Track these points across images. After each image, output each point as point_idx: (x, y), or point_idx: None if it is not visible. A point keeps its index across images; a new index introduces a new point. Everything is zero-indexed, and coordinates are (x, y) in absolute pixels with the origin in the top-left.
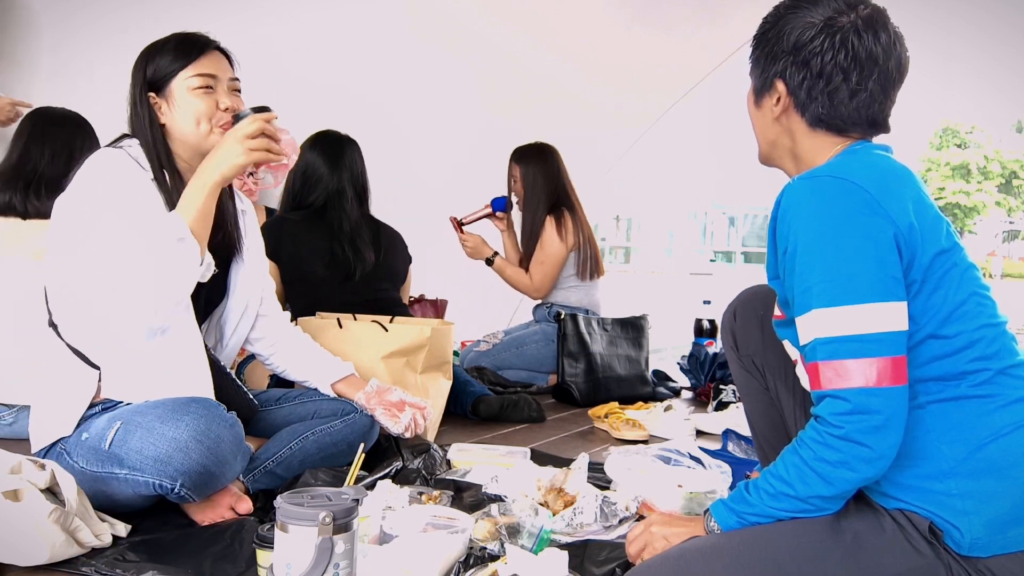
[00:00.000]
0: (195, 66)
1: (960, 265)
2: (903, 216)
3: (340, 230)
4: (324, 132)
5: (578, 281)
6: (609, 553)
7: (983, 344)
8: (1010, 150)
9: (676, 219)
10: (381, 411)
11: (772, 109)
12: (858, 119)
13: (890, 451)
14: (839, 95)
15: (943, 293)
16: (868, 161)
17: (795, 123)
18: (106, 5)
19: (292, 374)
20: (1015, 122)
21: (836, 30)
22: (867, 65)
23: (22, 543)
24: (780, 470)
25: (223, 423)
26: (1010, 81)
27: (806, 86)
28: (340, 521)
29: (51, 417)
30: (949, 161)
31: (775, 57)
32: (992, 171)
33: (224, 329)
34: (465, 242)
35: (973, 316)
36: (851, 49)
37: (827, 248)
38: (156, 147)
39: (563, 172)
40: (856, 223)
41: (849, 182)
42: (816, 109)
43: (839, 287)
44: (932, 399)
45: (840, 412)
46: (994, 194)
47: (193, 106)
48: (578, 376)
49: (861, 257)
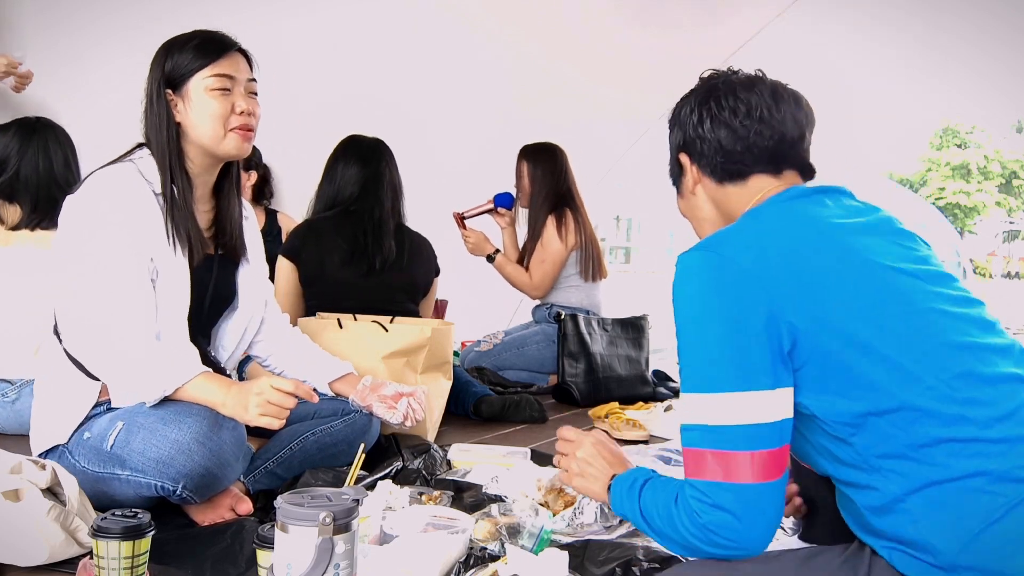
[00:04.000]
0: (214, 66)
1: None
2: (785, 288)
3: (369, 218)
4: (356, 137)
5: (580, 281)
6: (609, 553)
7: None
8: (1010, 150)
9: (676, 219)
10: (378, 404)
11: (690, 187)
12: (752, 157)
13: (753, 544)
14: (725, 140)
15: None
16: (770, 218)
17: (708, 188)
18: (107, 5)
19: (290, 375)
20: (1015, 122)
21: (709, 91)
22: (740, 109)
23: (22, 543)
24: (657, 506)
25: (225, 425)
26: (1010, 81)
27: (699, 147)
28: (340, 521)
29: (50, 424)
30: (949, 161)
31: (674, 138)
32: (992, 171)
33: (232, 334)
34: (467, 238)
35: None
36: (725, 99)
37: (692, 332)
38: (168, 146)
39: (569, 172)
40: (720, 305)
41: (720, 256)
42: (714, 159)
43: (698, 373)
44: (913, 485)
45: (699, 501)
46: (994, 194)
47: (209, 107)
48: (578, 376)
49: (721, 343)
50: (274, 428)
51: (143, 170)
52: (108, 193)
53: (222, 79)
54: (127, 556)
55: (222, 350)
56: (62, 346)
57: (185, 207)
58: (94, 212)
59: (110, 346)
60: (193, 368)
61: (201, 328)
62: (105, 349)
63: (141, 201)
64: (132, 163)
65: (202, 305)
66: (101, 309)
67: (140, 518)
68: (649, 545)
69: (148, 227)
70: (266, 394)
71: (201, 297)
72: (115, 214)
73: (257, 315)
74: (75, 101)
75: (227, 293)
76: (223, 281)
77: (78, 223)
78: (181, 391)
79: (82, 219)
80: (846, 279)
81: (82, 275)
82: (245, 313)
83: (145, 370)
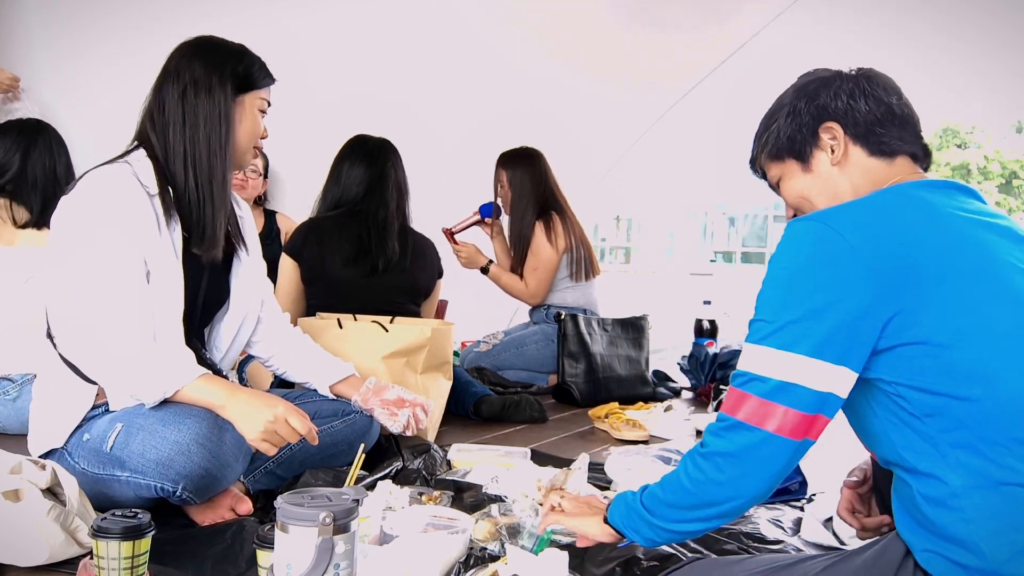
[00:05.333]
0: (266, 92)
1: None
2: (890, 273)
3: (374, 219)
4: (362, 136)
5: (572, 282)
6: (609, 553)
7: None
8: (1010, 150)
9: (676, 219)
10: (379, 410)
11: (830, 158)
12: (908, 135)
13: (743, 491)
14: (883, 115)
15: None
16: (893, 201)
17: (858, 159)
18: (107, 5)
19: (292, 376)
20: (1015, 122)
21: (848, 76)
22: (890, 88)
23: (22, 543)
24: (661, 485)
25: (225, 426)
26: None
27: (853, 116)
28: (340, 521)
29: (47, 427)
30: (949, 161)
31: (810, 110)
32: (992, 171)
33: (226, 334)
34: (459, 252)
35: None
36: (874, 80)
37: (778, 290)
38: (213, 137)
39: (550, 175)
40: (815, 274)
41: (829, 228)
42: (872, 130)
43: (771, 329)
44: (976, 482)
45: (715, 429)
46: (994, 194)
47: (254, 124)
48: (578, 376)
49: (806, 308)
50: (265, 454)
51: (138, 171)
52: (102, 193)
53: (265, 103)
54: (127, 556)
55: (216, 351)
56: (56, 350)
57: (223, 200)
58: (88, 212)
59: (106, 348)
60: (192, 370)
61: (194, 330)
62: (101, 351)
63: (135, 202)
64: (127, 164)
65: (195, 306)
66: (97, 310)
67: (140, 518)
68: None
69: (142, 228)
70: (279, 424)
71: (194, 298)
72: (109, 214)
73: (252, 315)
74: (75, 101)
75: (220, 293)
76: (215, 281)
77: (72, 223)
78: (180, 393)
79: (77, 219)
80: (960, 267)
81: (76, 276)
82: (238, 313)
83: (143, 372)
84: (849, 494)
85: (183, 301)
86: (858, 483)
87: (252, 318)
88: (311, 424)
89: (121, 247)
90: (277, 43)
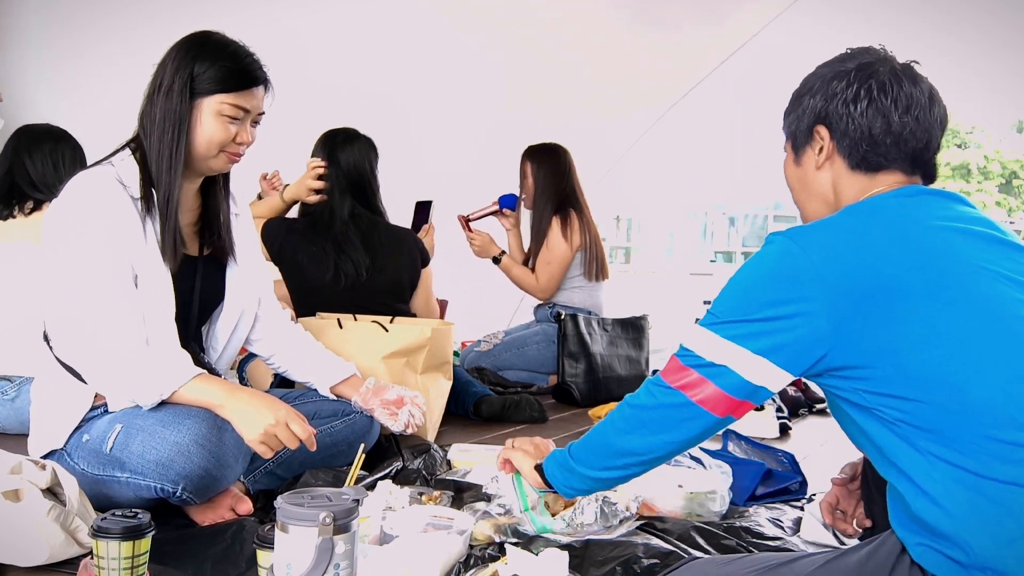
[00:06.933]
0: (236, 96)
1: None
2: (853, 294)
3: (328, 230)
4: (329, 131)
5: (584, 282)
6: (609, 553)
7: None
8: (1010, 150)
9: (676, 219)
10: (380, 410)
11: (815, 159)
12: (897, 154)
13: (662, 445)
14: (877, 130)
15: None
16: (866, 215)
17: (837, 169)
18: (107, 5)
19: (293, 374)
20: (1015, 122)
21: (870, 73)
22: (901, 102)
23: (22, 543)
24: (589, 435)
25: (225, 427)
26: (1010, 81)
27: (845, 125)
28: (340, 521)
29: (46, 428)
30: (949, 161)
31: (814, 105)
32: (992, 171)
33: (222, 332)
34: (473, 240)
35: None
36: (889, 87)
37: (738, 291)
38: (174, 138)
39: (573, 172)
40: (775, 286)
41: (799, 247)
42: (859, 145)
43: (725, 321)
44: (948, 481)
45: (647, 386)
46: (994, 194)
47: (213, 129)
48: (578, 376)
49: (761, 311)
50: (262, 456)
51: (121, 174)
52: (86, 198)
53: (235, 109)
54: (127, 556)
55: (212, 351)
56: (53, 353)
57: (167, 208)
58: (74, 218)
59: (100, 352)
60: (187, 371)
61: (191, 330)
62: (96, 355)
63: (118, 206)
64: (112, 166)
65: (189, 307)
66: (89, 315)
67: (140, 518)
68: (649, 542)
69: (126, 232)
70: (279, 428)
71: (188, 299)
72: (94, 219)
73: (249, 312)
74: (75, 101)
75: (215, 293)
76: (210, 281)
77: (59, 229)
78: (177, 395)
79: (62, 225)
80: (925, 278)
81: (67, 283)
82: (234, 312)
83: (138, 374)
84: (835, 490)
85: (174, 303)
86: (847, 480)
87: (249, 316)
88: (311, 429)
89: (104, 255)
90: (277, 43)
